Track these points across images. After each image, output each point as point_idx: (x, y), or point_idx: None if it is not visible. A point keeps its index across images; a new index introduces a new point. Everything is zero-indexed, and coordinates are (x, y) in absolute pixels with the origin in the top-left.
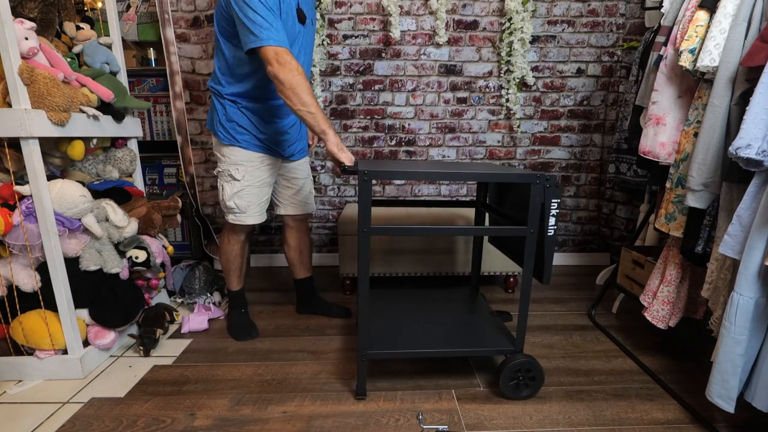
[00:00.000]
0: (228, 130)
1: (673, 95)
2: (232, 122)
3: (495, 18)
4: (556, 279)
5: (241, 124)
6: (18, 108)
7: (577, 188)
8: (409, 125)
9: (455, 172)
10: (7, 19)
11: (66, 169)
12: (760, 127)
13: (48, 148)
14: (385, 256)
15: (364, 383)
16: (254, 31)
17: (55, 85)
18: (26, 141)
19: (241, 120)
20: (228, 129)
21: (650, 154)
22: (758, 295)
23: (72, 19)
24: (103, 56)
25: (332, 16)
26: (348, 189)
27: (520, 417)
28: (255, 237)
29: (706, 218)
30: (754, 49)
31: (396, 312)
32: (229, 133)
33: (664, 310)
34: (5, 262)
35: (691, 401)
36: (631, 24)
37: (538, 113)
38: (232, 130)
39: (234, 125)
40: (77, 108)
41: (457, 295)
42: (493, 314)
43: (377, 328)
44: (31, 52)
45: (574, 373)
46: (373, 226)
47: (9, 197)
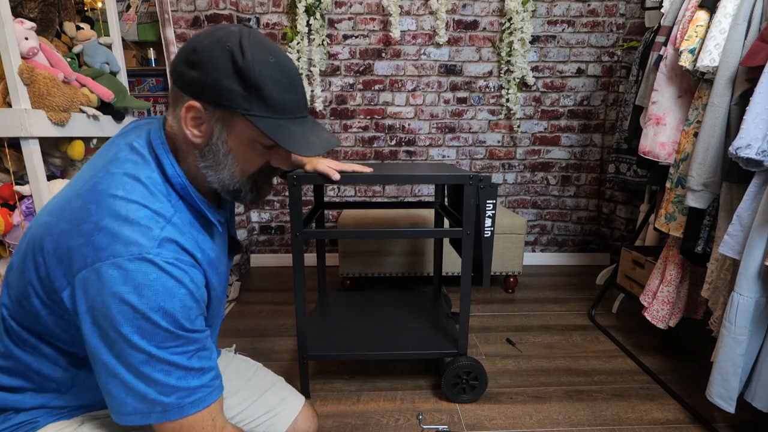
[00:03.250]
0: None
1: (673, 95)
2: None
3: (495, 18)
4: (556, 279)
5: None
6: (18, 108)
7: (577, 188)
8: (409, 125)
9: (389, 174)
10: (7, 19)
11: (66, 169)
12: (760, 127)
13: (48, 148)
14: (371, 257)
15: (307, 385)
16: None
17: (55, 85)
18: (26, 141)
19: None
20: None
21: (650, 154)
22: (758, 295)
23: (72, 19)
24: (103, 56)
25: (332, 16)
26: (348, 189)
27: (520, 417)
28: (255, 237)
29: (706, 218)
30: (754, 49)
31: (355, 314)
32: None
33: (664, 310)
34: (5, 262)
35: (691, 401)
36: (631, 24)
37: (538, 113)
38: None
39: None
40: (77, 108)
41: (420, 296)
42: (449, 316)
43: (330, 330)
44: (31, 52)
45: (574, 373)
46: (306, 230)
47: (9, 197)
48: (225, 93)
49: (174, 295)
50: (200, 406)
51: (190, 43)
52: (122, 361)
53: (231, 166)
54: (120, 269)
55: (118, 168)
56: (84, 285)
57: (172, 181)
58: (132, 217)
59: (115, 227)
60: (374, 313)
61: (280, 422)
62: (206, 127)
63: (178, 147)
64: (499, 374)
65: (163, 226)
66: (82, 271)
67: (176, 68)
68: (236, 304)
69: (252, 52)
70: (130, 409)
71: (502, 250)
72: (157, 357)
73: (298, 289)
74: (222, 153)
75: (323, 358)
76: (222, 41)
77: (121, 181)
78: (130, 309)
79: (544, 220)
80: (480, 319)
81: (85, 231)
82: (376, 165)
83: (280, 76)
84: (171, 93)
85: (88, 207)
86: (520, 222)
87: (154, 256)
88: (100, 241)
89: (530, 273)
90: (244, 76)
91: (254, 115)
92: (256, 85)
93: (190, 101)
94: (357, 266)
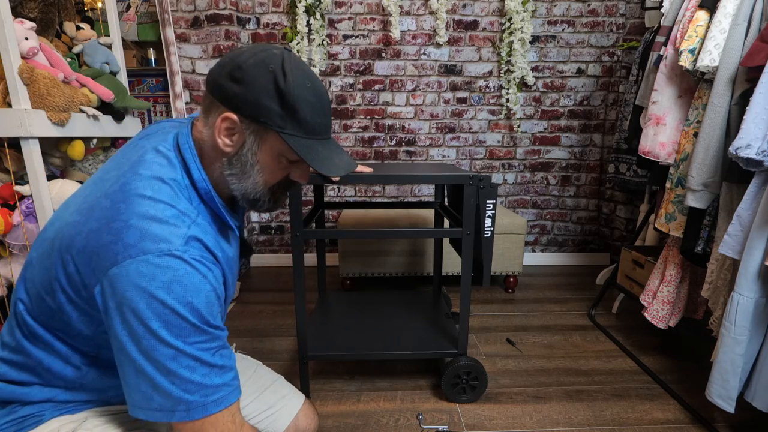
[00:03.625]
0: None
1: (673, 95)
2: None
3: (495, 18)
4: (556, 279)
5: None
6: (18, 108)
7: (577, 188)
8: (409, 125)
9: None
10: (7, 19)
11: (66, 169)
12: (760, 127)
13: (48, 148)
14: (371, 257)
15: (307, 385)
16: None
17: (55, 85)
18: (26, 141)
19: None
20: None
21: (650, 154)
22: (758, 295)
23: (72, 19)
24: (103, 56)
25: (332, 16)
26: (348, 189)
27: (520, 417)
28: (255, 237)
29: (706, 218)
30: (754, 49)
31: (355, 314)
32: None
33: (664, 310)
34: (5, 262)
35: (691, 401)
36: (631, 24)
37: (538, 113)
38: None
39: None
40: (77, 108)
41: (420, 296)
42: (449, 316)
43: (330, 330)
44: (31, 52)
45: (574, 373)
46: (306, 230)
47: (9, 197)
48: (263, 110)
49: (200, 291)
50: (222, 405)
51: (235, 59)
52: (150, 358)
53: (255, 177)
54: (149, 265)
55: (145, 170)
56: (114, 281)
57: (197, 185)
58: (160, 216)
59: (143, 225)
60: (374, 313)
61: (280, 420)
62: (238, 137)
63: (205, 153)
64: (499, 374)
65: (189, 224)
66: (113, 268)
67: (217, 81)
68: (236, 304)
69: (293, 75)
70: (156, 406)
71: (502, 250)
72: (183, 352)
73: (298, 289)
74: (250, 163)
75: (323, 358)
76: (266, 62)
77: (149, 183)
78: (159, 304)
79: (544, 220)
80: (480, 319)
81: (114, 229)
82: (376, 165)
83: (315, 100)
84: (205, 101)
85: (117, 206)
86: (520, 222)
87: (182, 253)
88: (130, 238)
89: (530, 273)
90: (283, 97)
91: (287, 133)
92: (293, 107)
93: (227, 113)
94: (357, 266)
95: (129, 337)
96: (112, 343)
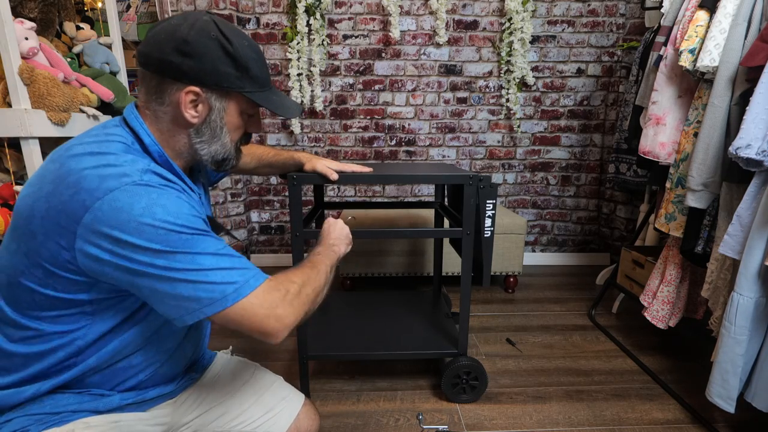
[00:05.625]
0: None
1: (673, 95)
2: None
3: (495, 18)
4: (556, 279)
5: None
6: (18, 108)
7: (577, 188)
8: (409, 125)
9: (389, 174)
10: (7, 19)
11: None
12: (760, 127)
13: (48, 148)
14: (371, 257)
15: (307, 385)
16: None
17: (55, 85)
18: (26, 141)
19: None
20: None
21: (650, 154)
22: (758, 295)
23: (72, 19)
24: (103, 56)
25: (332, 16)
26: (348, 189)
27: (520, 417)
28: (255, 237)
29: (706, 218)
30: (754, 49)
31: (355, 314)
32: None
33: (664, 310)
34: None
35: (691, 401)
36: (631, 24)
37: (538, 113)
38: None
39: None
40: (77, 108)
41: (420, 296)
42: (449, 316)
43: (330, 330)
44: (31, 52)
45: (574, 373)
46: (306, 230)
47: (9, 197)
48: (223, 76)
49: (180, 206)
50: (261, 279)
51: (174, 33)
52: (173, 270)
53: (224, 137)
54: (120, 200)
55: (90, 137)
56: (93, 226)
57: (149, 149)
58: (113, 162)
59: (99, 171)
60: (374, 313)
61: (281, 421)
62: (203, 107)
63: (163, 130)
64: (499, 374)
65: (148, 163)
66: (85, 215)
67: (165, 59)
68: None
69: (234, 38)
70: (207, 301)
71: (502, 250)
72: (197, 253)
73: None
74: (219, 127)
75: (323, 358)
76: (206, 31)
77: (97, 144)
78: (150, 228)
79: (544, 220)
80: (480, 319)
81: (71, 182)
82: (376, 165)
83: (257, 56)
84: (151, 82)
85: (66, 165)
86: (520, 222)
87: (147, 182)
88: (90, 183)
89: (530, 273)
90: (236, 60)
91: (248, 91)
92: (245, 66)
93: (188, 87)
94: (357, 266)
95: (141, 264)
96: (127, 281)
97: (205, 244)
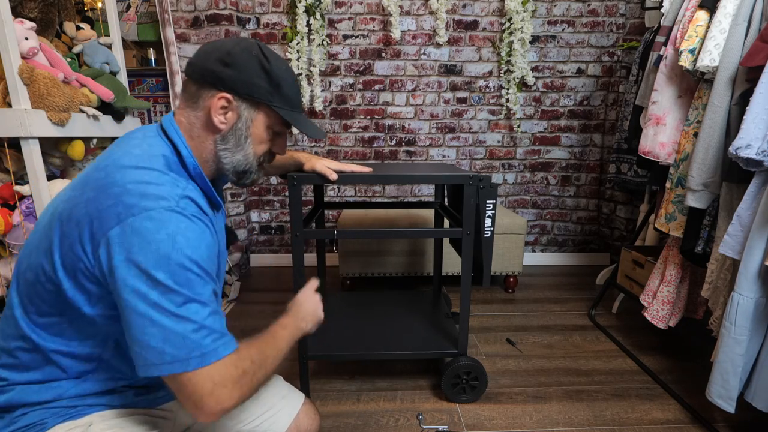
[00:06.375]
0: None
1: (673, 95)
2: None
3: (495, 18)
4: (556, 279)
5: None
6: (18, 108)
7: (577, 188)
8: (409, 125)
9: (389, 174)
10: (7, 19)
11: (66, 169)
12: (760, 127)
13: (48, 148)
14: (371, 257)
15: (307, 385)
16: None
17: (55, 85)
18: (26, 141)
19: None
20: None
21: (650, 154)
22: (758, 295)
23: (72, 19)
24: (103, 56)
25: (332, 16)
26: (348, 189)
27: (520, 417)
28: (255, 237)
29: (706, 218)
30: (754, 49)
31: (355, 314)
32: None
33: (664, 310)
34: (5, 262)
35: (691, 401)
36: (631, 24)
37: (538, 113)
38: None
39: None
40: (77, 108)
41: (420, 296)
42: (449, 316)
43: (330, 330)
44: (31, 52)
45: (574, 373)
46: (306, 230)
47: (9, 197)
48: (255, 88)
49: (201, 243)
50: (229, 348)
51: (220, 47)
52: (159, 307)
53: (247, 148)
54: (152, 221)
55: (135, 148)
56: (119, 238)
57: (185, 161)
58: (155, 181)
59: (141, 188)
60: (374, 313)
61: (281, 420)
62: (232, 115)
63: (194, 135)
64: (499, 374)
65: (184, 187)
66: (116, 227)
67: (207, 67)
68: (236, 304)
69: (273, 58)
70: (169, 358)
71: (502, 250)
72: (191, 299)
73: (298, 289)
74: (243, 136)
75: (323, 358)
76: (249, 49)
77: (142, 157)
78: (165, 255)
79: (544, 220)
80: (480, 319)
81: (113, 193)
82: (376, 165)
83: (291, 79)
84: (190, 89)
85: (112, 175)
86: (520, 222)
87: (182, 209)
88: (130, 199)
89: (530, 273)
90: (270, 75)
91: (276, 106)
92: (278, 83)
93: (221, 93)
94: (357, 266)
95: (135, 292)
96: (119, 303)
97: (202, 289)
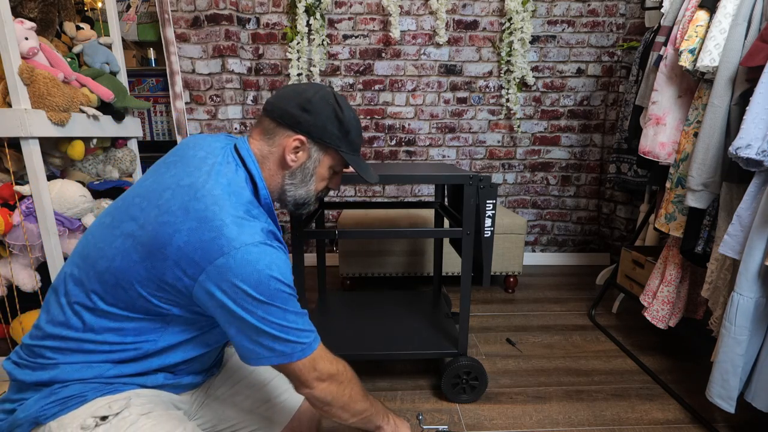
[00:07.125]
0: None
1: (673, 95)
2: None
3: (495, 18)
4: (556, 279)
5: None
6: (18, 108)
7: (577, 188)
8: (409, 125)
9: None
10: (7, 19)
11: (66, 169)
12: (760, 127)
13: (48, 148)
14: (371, 257)
15: None
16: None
17: (55, 85)
18: (26, 141)
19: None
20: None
21: (650, 154)
22: (758, 295)
23: (72, 19)
24: (103, 56)
25: (332, 16)
26: (348, 189)
27: (520, 417)
28: None
29: (706, 218)
30: (754, 49)
31: (355, 314)
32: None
33: (664, 310)
34: (5, 262)
35: (691, 401)
36: (631, 24)
37: (538, 113)
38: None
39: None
40: (77, 108)
41: (420, 296)
42: (449, 316)
43: (329, 330)
44: (31, 52)
45: (574, 373)
46: (306, 230)
47: (9, 197)
48: (328, 134)
49: (287, 267)
50: (318, 341)
51: (302, 94)
52: (266, 321)
53: (310, 185)
54: (252, 253)
55: (221, 176)
56: (224, 267)
57: (260, 194)
58: (246, 216)
59: (238, 222)
60: (374, 313)
61: (285, 410)
62: (303, 154)
63: (266, 167)
64: (499, 374)
65: (264, 221)
66: (220, 258)
67: (287, 110)
68: None
69: (345, 108)
70: (279, 353)
71: (502, 250)
72: (289, 311)
73: (298, 289)
74: (309, 174)
75: None
76: (326, 98)
77: (229, 186)
78: (266, 280)
79: (544, 220)
80: (480, 319)
81: (215, 227)
82: (376, 165)
83: (358, 126)
84: (269, 125)
85: (212, 209)
86: (520, 222)
87: (270, 243)
88: (230, 233)
89: (530, 273)
90: (342, 123)
91: (343, 150)
92: (347, 131)
93: (297, 135)
94: (357, 266)
95: (245, 309)
96: (223, 317)
97: (294, 303)
